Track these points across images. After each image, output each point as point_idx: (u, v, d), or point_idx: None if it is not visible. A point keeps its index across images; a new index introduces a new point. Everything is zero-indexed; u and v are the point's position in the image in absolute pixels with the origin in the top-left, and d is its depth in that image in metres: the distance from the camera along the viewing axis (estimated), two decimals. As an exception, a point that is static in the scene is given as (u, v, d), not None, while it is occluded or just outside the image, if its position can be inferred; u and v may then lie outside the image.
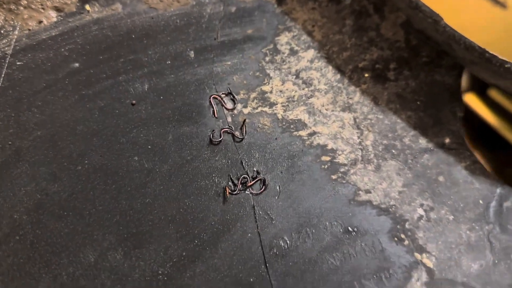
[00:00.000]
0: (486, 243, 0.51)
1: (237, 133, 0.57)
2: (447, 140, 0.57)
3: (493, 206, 0.53)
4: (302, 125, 0.58)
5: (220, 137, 0.56)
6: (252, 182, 0.54)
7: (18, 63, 0.55)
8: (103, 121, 0.54)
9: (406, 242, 0.51)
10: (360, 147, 0.57)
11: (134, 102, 0.56)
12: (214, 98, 0.58)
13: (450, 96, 0.59)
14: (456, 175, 0.54)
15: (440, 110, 0.58)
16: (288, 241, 0.51)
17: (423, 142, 0.57)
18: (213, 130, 0.56)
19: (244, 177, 0.54)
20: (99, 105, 0.55)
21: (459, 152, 0.56)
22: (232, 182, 0.54)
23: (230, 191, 0.53)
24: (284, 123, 0.57)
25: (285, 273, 0.49)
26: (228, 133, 0.56)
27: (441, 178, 0.54)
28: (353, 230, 0.51)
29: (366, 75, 0.61)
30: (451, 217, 0.52)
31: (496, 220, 0.52)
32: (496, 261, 0.50)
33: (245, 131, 0.57)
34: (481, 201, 0.53)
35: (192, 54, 0.59)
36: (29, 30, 0.57)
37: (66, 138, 0.52)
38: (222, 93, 0.59)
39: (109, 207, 0.50)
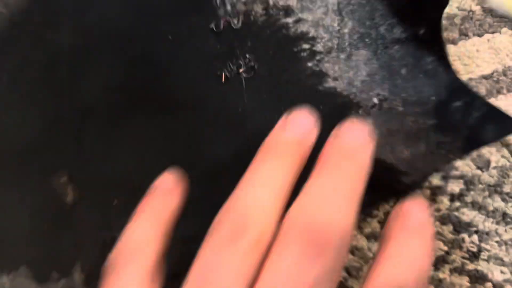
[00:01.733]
0: (423, 136, 0.57)
1: (234, 21, 0.65)
2: (421, 31, 0.56)
3: (441, 103, 0.56)
4: (290, 11, 0.63)
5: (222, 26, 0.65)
6: (244, 69, 0.66)
7: None
8: None
9: None
10: (338, 35, 0.61)
11: None
12: None
13: None
14: (419, 69, 0.57)
15: None
16: None
17: (397, 32, 0.58)
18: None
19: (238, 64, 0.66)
20: None
21: (430, 45, 0.56)
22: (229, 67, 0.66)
23: (226, 75, 0.66)
24: (274, 10, 0.63)
25: None
26: (227, 21, 0.66)
27: (403, 71, 0.58)
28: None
29: None
30: (400, 108, 0.58)
31: (439, 117, 0.56)
32: (427, 153, 0.57)
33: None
34: (433, 98, 0.56)
35: None
36: None
37: None
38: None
39: None
